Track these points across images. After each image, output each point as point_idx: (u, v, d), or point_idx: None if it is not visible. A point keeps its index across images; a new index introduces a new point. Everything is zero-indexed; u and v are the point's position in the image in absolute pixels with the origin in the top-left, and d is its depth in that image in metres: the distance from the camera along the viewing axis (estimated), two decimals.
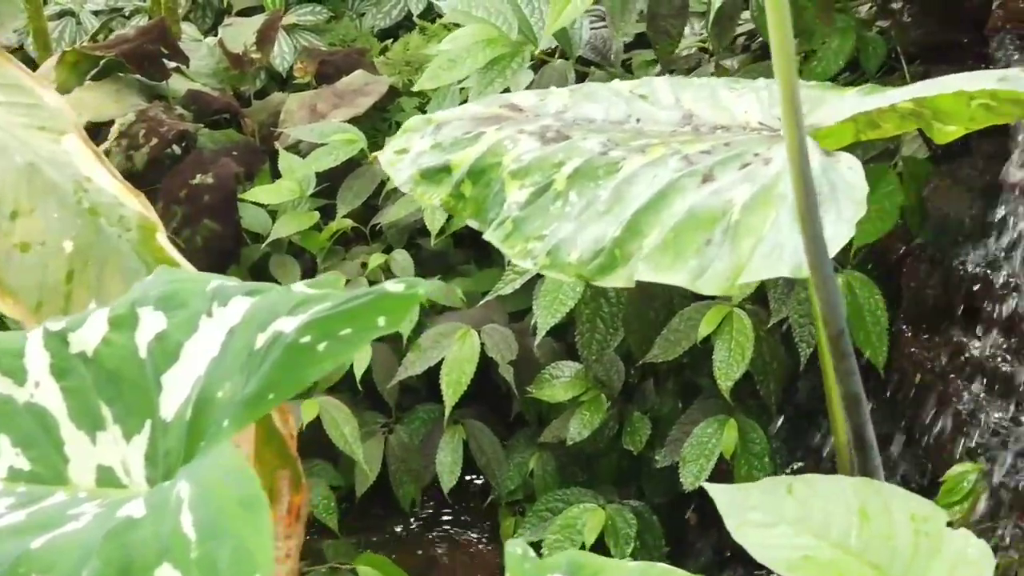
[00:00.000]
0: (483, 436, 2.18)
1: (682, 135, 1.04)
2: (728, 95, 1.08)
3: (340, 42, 3.06)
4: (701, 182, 0.95)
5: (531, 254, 1.00)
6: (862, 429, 0.87)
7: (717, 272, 0.89)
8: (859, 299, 1.85)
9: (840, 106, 1.02)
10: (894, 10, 1.86)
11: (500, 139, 1.08)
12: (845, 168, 0.91)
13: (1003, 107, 1.02)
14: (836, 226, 0.87)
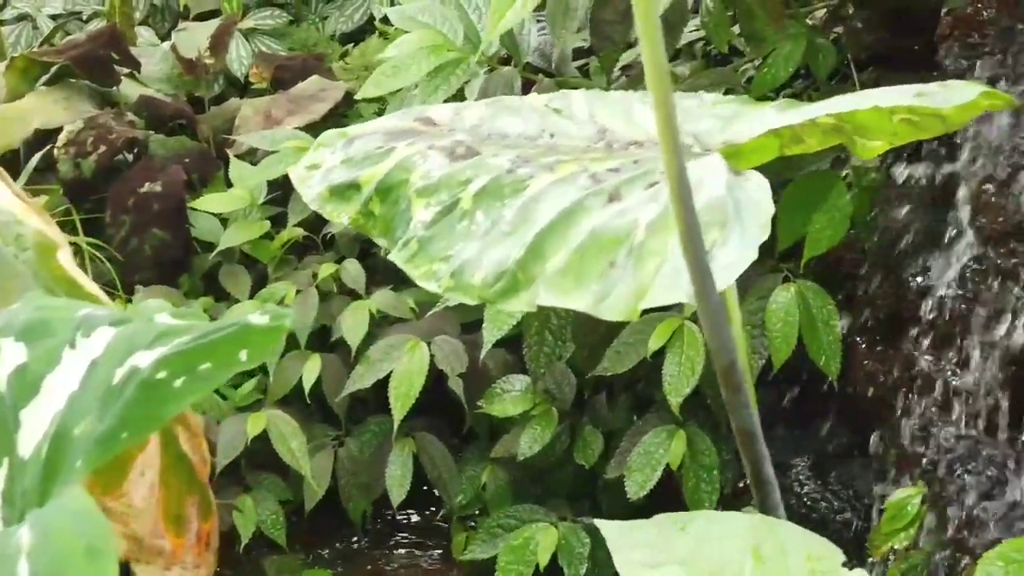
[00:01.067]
0: (435, 449, 2.14)
1: (594, 152, 1.00)
2: (642, 109, 1.04)
3: (300, 47, 3.02)
4: (607, 202, 0.91)
5: (436, 276, 0.96)
6: (759, 465, 0.83)
7: (620, 297, 0.85)
8: (812, 309, 1.82)
9: (756, 121, 0.98)
10: (846, 16, 1.83)
11: (410, 155, 1.04)
12: (753, 187, 0.87)
13: (925, 121, 0.98)
14: (739, 248, 0.83)
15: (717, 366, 0.78)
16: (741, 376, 0.78)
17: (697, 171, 0.91)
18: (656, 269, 0.86)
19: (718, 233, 0.85)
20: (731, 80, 1.88)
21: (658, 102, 0.67)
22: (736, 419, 0.80)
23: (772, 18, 1.78)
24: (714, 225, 0.85)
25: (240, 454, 2.11)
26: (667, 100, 0.67)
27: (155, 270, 2.35)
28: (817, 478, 1.88)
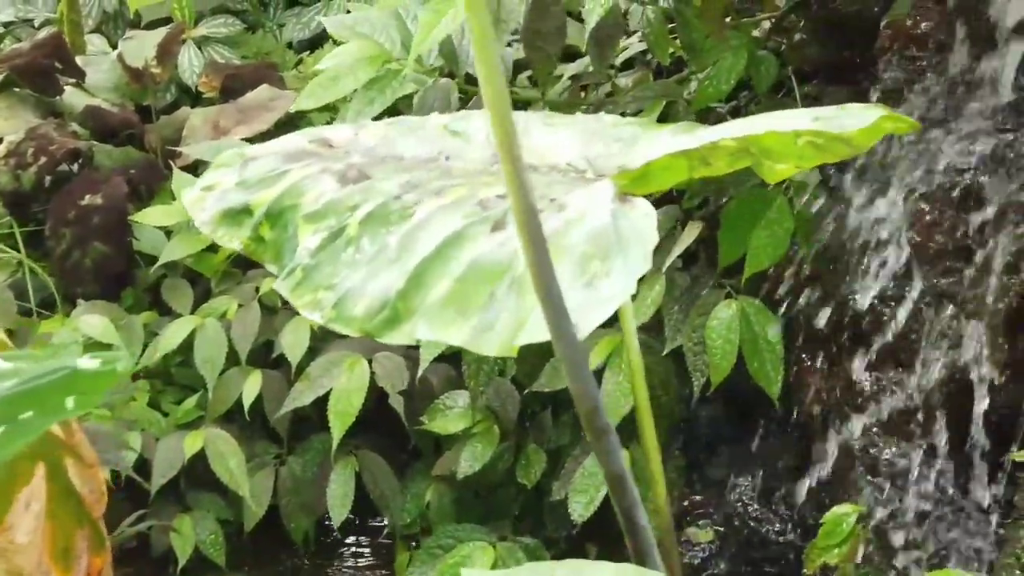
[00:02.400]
0: (377, 467, 2.10)
1: (488, 176, 0.96)
2: (541, 132, 1.00)
3: (255, 55, 2.98)
4: (491, 230, 0.87)
5: (319, 305, 0.92)
6: (631, 512, 0.80)
7: (499, 331, 0.82)
8: (754, 327, 1.79)
9: (652, 145, 0.94)
10: (789, 28, 1.80)
11: (301, 178, 1.00)
12: (638, 216, 0.84)
13: (831, 145, 0.95)
14: (621, 280, 0.79)
15: (580, 411, 0.74)
16: (606, 421, 0.74)
17: (583, 199, 0.88)
18: (536, 303, 0.82)
19: (600, 264, 0.81)
20: (674, 92, 1.84)
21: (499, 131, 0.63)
22: (605, 465, 0.76)
23: (712, 30, 1.75)
24: (596, 256, 0.82)
25: (179, 473, 2.07)
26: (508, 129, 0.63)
27: (97, 284, 2.31)
28: (761, 498, 1.85)
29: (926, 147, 1.52)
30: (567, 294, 0.81)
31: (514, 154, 0.65)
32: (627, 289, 0.79)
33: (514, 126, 0.65)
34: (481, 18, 0.60)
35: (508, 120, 0.64)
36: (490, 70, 0.61)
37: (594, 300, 0.79)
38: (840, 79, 1.72)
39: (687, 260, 1.98)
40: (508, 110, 0.64)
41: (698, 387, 1.83)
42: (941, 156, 1.49)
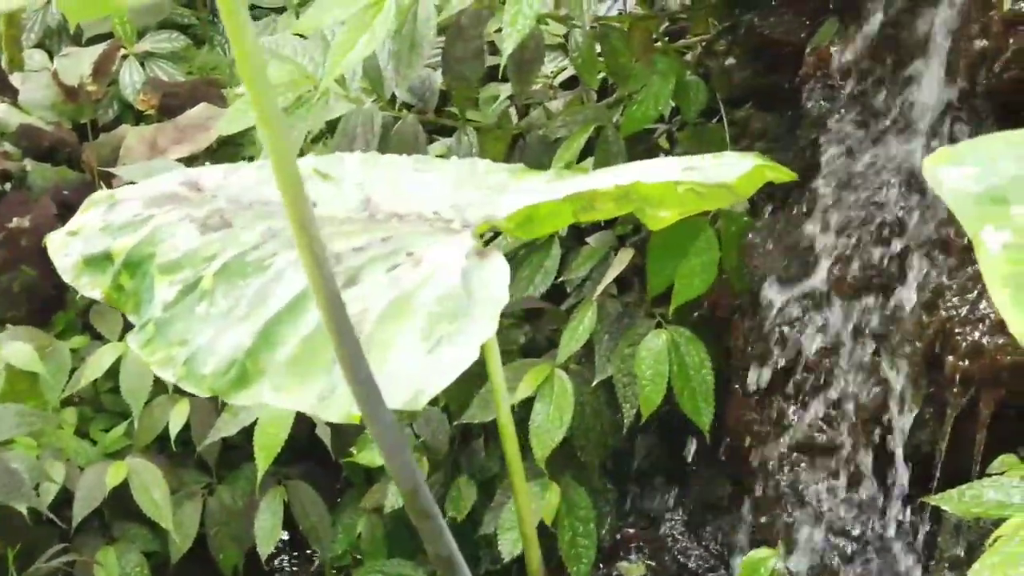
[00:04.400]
0: (308, 498, 2.05)
1: (352, 225, 0.92)
2: (412, 177, 0.96)
3: (199, 71, 2.93)
4: (343, 286, 0.83)
5: (172, 362, 0.88)
6: None
7: (340, 396, 0.77)
8: (684, 357, 1.75)
9: (520, 194, 0.90)
10: (718, 52, 1.76)
11: (161, 225, 0.96)
12: (492, 273, 0.80)
13: (712, 192, 0.91)
14: (464, 346, 0.75)
15: (401, 490, 0.70)
16: (429, 501, 0.70)
17: (440, 254, 0.84)
18: (380, 367, 0.78)
19: (447, 326, 0.77)
20: (604, 117, 1.80)
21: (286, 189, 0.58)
22: (431, 547, 0.72)
23: (639, 54, 1.71)
24: (444, 318, 0.78)
25: (104, 503, 2.02)
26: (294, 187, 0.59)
27: (27, 308, 2.25)
28: (691, 531, 1.81)
29: (847, 178, 1.48)
30: (410, 360, 0.77)
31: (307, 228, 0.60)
32: (471, 356, 0.75)
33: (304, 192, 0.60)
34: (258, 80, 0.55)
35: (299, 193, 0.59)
36: (269, 117, 0.56)
37: (436, 367, 0.75)
38: (769, 105, 1.69)
39: (621, 286, 1.94)
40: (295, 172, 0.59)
41: (628, 418, 1.79)
42: (861, 188, 1.45)
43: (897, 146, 1.43)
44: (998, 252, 0.45)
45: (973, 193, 0.46)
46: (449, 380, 0.74)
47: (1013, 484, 1.29)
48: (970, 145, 0.47)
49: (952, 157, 0.47)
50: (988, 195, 0.46)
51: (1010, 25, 1.27)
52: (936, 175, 0.46)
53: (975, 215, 0.45)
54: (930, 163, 0.47)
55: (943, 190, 0.46)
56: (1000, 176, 0.46)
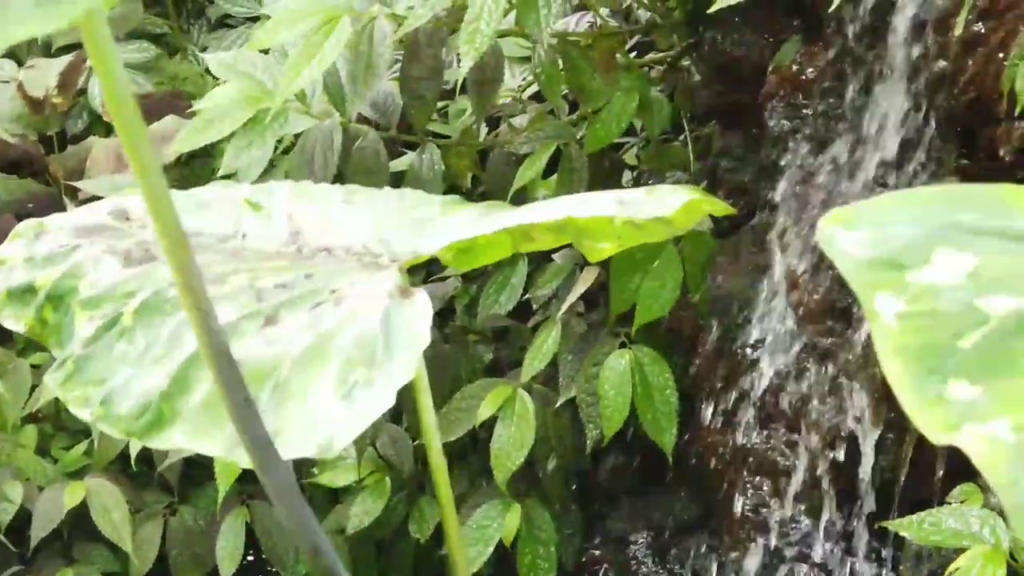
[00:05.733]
0: (271, 519, 2.02)
1: (280, 260, 0.89)
2: (342, 209, 0.93)
3: (170, 81, 2.90)
4: (263, 325, 0.80)
5: (89, 402, 0.85)
6: None
7: None
8: (648, 378, 1.72)
9: (447, 229, 0.88)
10: (683, 69, 1.74)
11: (84, 258, 0.93)
12: (414, 314, 0.77)
13: (649, 226, 0.88)
14: (380, 392, 0.72)
15: (301, 548, 0.67)
16: (334, 563, 0.67)
17: (362, 292, 0.81)
18: (294, 412, 0.75)
19: (364, 372, 0.74)
20: (568, 134, 1.78)
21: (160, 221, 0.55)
22: None
23: (602, 71, 1.68)
24: (361, 362, 0.75)
25: (65, 523, 1.99)
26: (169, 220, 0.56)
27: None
28: (656, 555, 1.78)
29: (808, 199, 1.46)
30: (323, 406, 0.74)
31: (191, 285, 0.57)
32: (386, 403, 0.72)
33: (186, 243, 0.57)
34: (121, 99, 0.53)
35: (181, 244, 0.57)
36: (136, 147, 0.54)
37: (349, 415, 0.72)
38: (734, 123, 1.66)
39: (589, 304, 1.92)
40: (167, 203, 0.56)
41: (592, 440, 1.77)
42: (821, 209, 1.43)
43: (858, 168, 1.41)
44: (891, 322, 0.43)
45: (866, 258, 0.43)
46: (362, 428, 0.72)
47: (972, 513, 1.27)
48: (865, 207, 0.45)
49: (846, 219, 0.44)
50: (882, 260, 0.43)
51: (969, 47, 1.25)
52: (830, 238, 0.44)
53: (868, 282, 0.43)
54: (824, 225, 0.44)
55: (835, 254, 0.43)
56: (895, 240, 0.44)
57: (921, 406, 0.42)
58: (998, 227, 0.45)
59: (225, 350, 0.61)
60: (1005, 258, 0.43)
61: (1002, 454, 0.40)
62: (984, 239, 0.44)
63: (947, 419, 0.42)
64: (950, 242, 0.44)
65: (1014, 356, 0.42)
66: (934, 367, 0.42)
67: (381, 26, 1.56)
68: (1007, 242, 0.44)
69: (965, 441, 0.41)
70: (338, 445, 0.71)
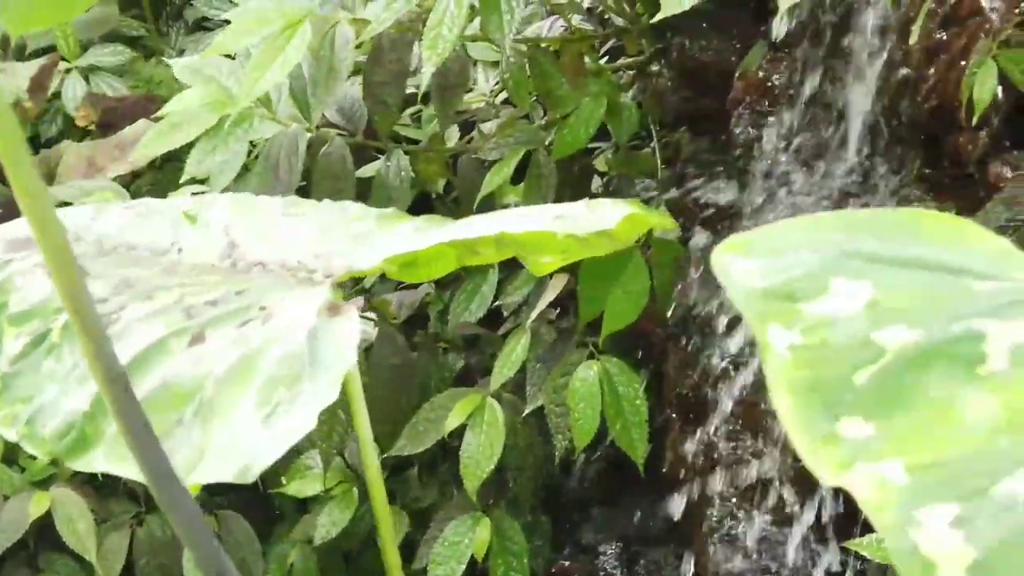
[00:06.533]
0: (239, 528, 2.00)
1: (213, 275, 0.87)
2: (280, 223, 0.91)
3: (145, 85, 2.87)
4: (189, 343, 0.78)
5: (16, 420, 0.83)
6: None
7: (178, 465, 0.73)
8: (617, 387, 1.70)
9: (383, 244, 0.86)
10: (651, 75, 1.72)
11: (15, 272, 0.91)
12: (342, 333, 0.75)
13: (593, 240, 0.86)
14: (301, 414, 0.70)
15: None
16: None
17: (292, 309, 0.79)
18: (216, 434, 0.73)
19: (286, 392, 0.72)
20: (537, 139, 1.76)
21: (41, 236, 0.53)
22: None
23: (569, 76, 1.66)
24: (284, 382, 0.73)
25: (31, 533, 1.97)
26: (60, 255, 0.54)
27: None
28: (625, 566, 1.76)
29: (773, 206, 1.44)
30: (244, 429, 0.72)
31: (80, 305, 0.55)
32: (307, 425, 0.70)
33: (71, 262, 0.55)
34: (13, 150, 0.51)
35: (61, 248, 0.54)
36: (16, 162, 0.52)
37: (270, 438, 0.70)
38: (702, 129, 1.64)
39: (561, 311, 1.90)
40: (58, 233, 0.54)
41: (561, 450, 1.75)
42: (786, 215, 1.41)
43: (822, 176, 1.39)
44: (784, 355, 0.41)
45: (761, 288, 0.41)
46: (282, 451, 0.70)
47: None
48: (762, 233, 0.43)
49: (742, 247, 0.42)
50: (777, 290, 0.41)
51: (931, 54, 1.23)
52: (725, 267, 0.42)
53: (761, 313, 0.41)
54: (719, 254, 0.42)
55: (729, 284, 0.42)
56: (792, 269, 0.42)
57: (812, 444, 0.40)
58: (900, 255, 0.43)
59: (120, 377, 0.59)
60: (904, 287, 0.41)
61: (892, 497, 0.38)
62: (884, 268, 0.42)
63: (839, 459, 0.40)
64: (848, 271, 0.42)
65: (910, 391, 0.40)
66: (827, 403, 0.40)
67: (343, 31, 1.54)
68: (908, 271, 0.42)
69: (855, 482, 0.39)
70: (257, 469, 0.69)
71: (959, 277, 0.42)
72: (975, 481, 0.38)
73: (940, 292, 0.42)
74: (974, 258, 0.43)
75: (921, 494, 0.38)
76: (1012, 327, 0.41)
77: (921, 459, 0.39)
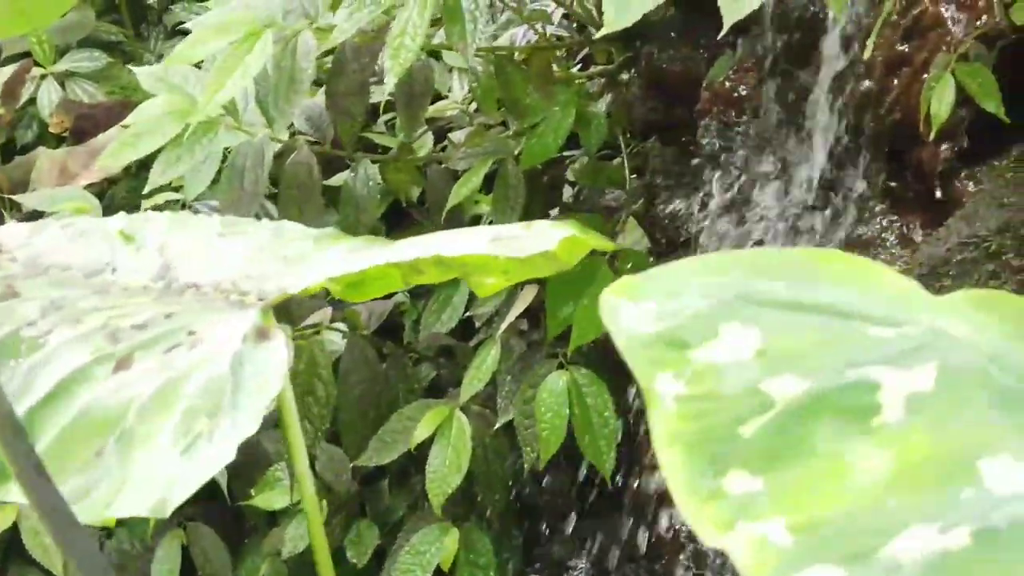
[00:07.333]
0: (209, 541, 1.98)
1: (144, 296, 0.85)
2: (216, 243, 0.89)
3: (121, 90, 2.85)
4: (114, 369, 0.76)
5: None
6: None
7: (95, 498, 0.71)
8: (586, 398, 1.68)
9: (316, 266, 0.84)
10: (621, 84, 1.70)
11: None
12: (268, 360, 0.73)
13: (535, 261, 0.84)
14: (221, 445, 0.68)
15: None
16: None
17: (219, 333, 0.77)
18: (137, 466, 0.71)
19: (207, 422, 0.70)
20: (505, 149, 1.74)
21: None
22: None
23: (538, 86, 1.64)
24: (205, 411, 0.71)
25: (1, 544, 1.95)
26: None
27: None
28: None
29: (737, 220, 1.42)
30: (162, 461, 0.70)
31: None
32: (228, 456, 0.68)
33: None
34: None
35: None
36: None
37: (188, 470, 0.68)
38: (671, 139, 1.62)
39: (532, 322, 1.88)
40: None
41: (529, 462, 1.73)
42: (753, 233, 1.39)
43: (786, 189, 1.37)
44: (670, 405, 0.39)
45: (649, 334, 0.39)
46: (201, 483, 0.68)
47: None
48: (655, 275, 0.41)
49: (632, 290, 0.40)
50: (666, 336, 0.39)
51: (893, 66, 1.21)
52: (613, 311, 0.40)
53: (648, 360, 0.39)
54: (607, 297, 0.40)
55: (615, 330, 0.40)
56: (683, 313, 0.40)
57: (696, 501, 0.38)
58: (797, 298, 0.41)
59: (7, 414, 0.57)
60: (798, 333, 0.39)
61: (771, 560, 0.36)
62: (779, 312, 0.40)
63: (722, 517, 0.38)
64: (741, 316, 0.40)
65: (799, 444, 0.38)
66: (713, 457, 0.38)
67: (305, 40, 1.52)
68: (803, 315, 0.40)
69: (733, 544, 0.37)
70: (174, 503, 0.67)
71: (857, 322, 0.40)
72: (861, 542, 0.36)
73: (835, 338, 0.40)
74: (875, 301, 0.41)
75: (802, 556, 0.36)
76: (910, 375, 0.39)
77: (806, 517, 0.37)
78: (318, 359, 1.76)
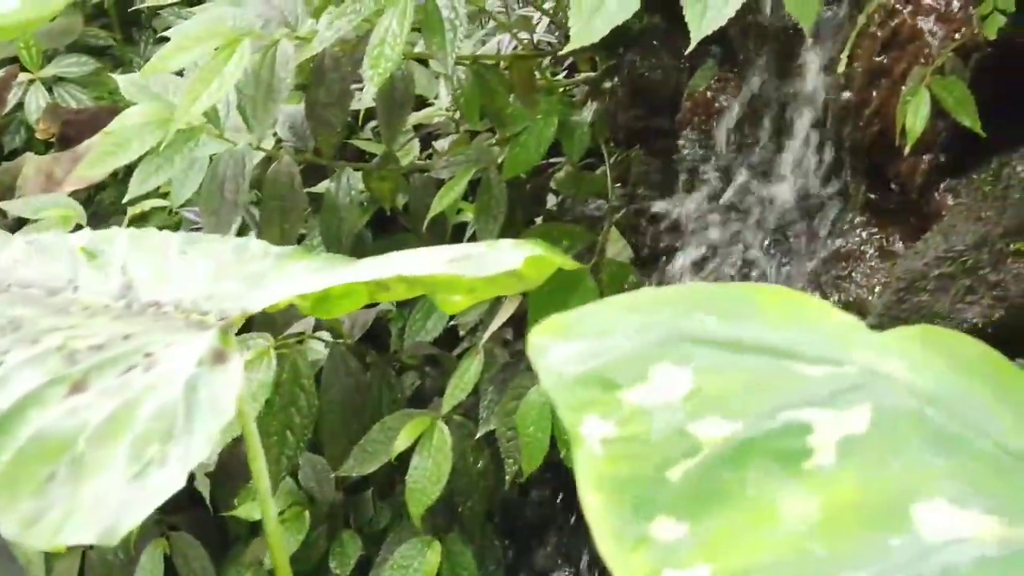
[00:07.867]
0: (191, 550, 1.97)
1: (105, 316, 0.84)
2: (177, 261, 0.88)
3: (109, 96, 2.84)
4: (68, 392, 0.75)
5: None
6: None
7: (46, 524, 0.69)
8: None
9: (278, 286, 0.83)
10: (604, 92, 1.69)
11: None
12: (221, 383, 0.72)
13: (501, 279, 0.83)
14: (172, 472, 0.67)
15: None
16: None
17: (176, 356, 0.76)
18: (87, 491, 0.70)
19: (159, 448, 0.69)
20: (488, 158, 1.73)
21: None
22: None
23: (520, 94, 1.63)
24: (157, 437, 0.70)
25: None
26: None
27: None
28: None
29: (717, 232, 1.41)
30: (112, 487, 0.69)
31: None
32: (179, 482, 0.67)
33: None
34: None
35: None
36: None
37: (139, 496, 0.67)
38: (653, 149, 1.61)
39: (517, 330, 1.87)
40: None
41: (511, 474, 1.72)
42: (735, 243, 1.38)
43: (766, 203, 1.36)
44: (597, 449, 0.38)
45: (575, 374, 0.38)
46: (151, 509, 0.67)
47: None
48: (585, 313, 0.40)
49: (561, 329, 0.39)
50: (594, 377, 0.38)
51: (873, 78, 1.20)
52: (540, 351, 0.39)
53: (575, 402, 0.38)
54: (536, 336, 0.39)
55: (542, 369, 0.38)
56: (613, 352, 0.38)
57: (621, 549, 0.37)
58: (731, 336, 0.40)
59: None
60: (728, 373, 0.38)
61: None
62: (712, 351, 0.39)
63: (647, 565, 0.37)
64: (673, 355, 0.39)
65: (726, 489, 0.37)
66: (639, 503, 0.37)
67: (284, 50, 1.51)
68: (736, 354, 0.39)
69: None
70: (123, 530, 0.66)
71: (792, 361, 0.39)
72: None
73: (768, 379, 0.39)
74: (812, 339, 0.40)
75: None
76: (843, 417, 0.38)
77: (731, 565, 0.36)
78: (301, 369, 1.75)
